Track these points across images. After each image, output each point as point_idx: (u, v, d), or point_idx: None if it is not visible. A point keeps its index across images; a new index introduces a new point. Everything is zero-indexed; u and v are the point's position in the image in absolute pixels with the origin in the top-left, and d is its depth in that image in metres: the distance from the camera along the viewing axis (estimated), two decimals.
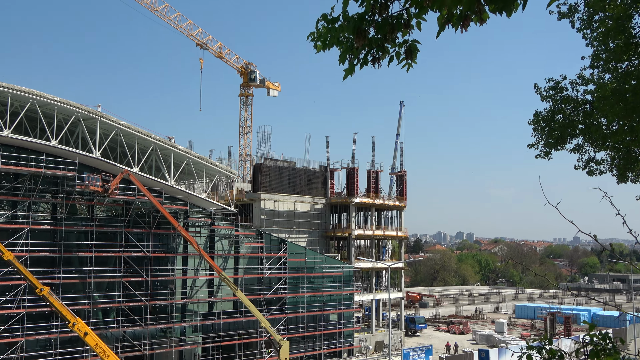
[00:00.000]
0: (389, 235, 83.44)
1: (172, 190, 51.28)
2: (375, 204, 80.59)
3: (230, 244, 56.00)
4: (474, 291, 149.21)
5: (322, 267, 62.57)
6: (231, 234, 55.65)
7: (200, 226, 54.50)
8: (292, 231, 74.35)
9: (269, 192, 72.88)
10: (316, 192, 78.48)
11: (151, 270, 49.55)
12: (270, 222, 72.26)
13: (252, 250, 57.46)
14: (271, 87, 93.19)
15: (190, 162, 52.96)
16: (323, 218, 78.67)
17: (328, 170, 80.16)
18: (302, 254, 61.07)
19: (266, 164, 73.27)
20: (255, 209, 72.50)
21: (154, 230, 50.01)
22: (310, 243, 75.64)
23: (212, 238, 54.99)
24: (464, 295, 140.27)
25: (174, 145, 51.36)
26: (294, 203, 75.13)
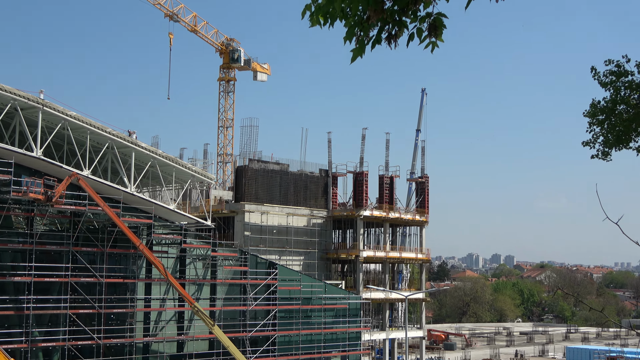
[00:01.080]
0: (406, 258, 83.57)
1: (132, 199, 51.27)
2: (390, 219, 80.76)
3: (206, 268, 55.95)
4: (513, 329, 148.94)
5: (322, 297, 62.46)
6: (207, 254, 55.62)
7: (168, 245, 54.47)
8: (284, 252, 74.40)
9: (255, 202, 72.97)
10: (315, 203, 78.62)
11: (105, 301, 49.46)
12: (257, 240, 72.32)
13: (234, 276, 57.41)
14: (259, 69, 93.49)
15: (155, 163, 52.99)
16: (323, 235, 78.78)
17: (330, 175, 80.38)
18: (296, 281, 60.98)
19: (252, 166, 73.40)
20: (237, 224, 72.60)
21: (110, 249, 49.99)
22: (307, 267, 75.63)
23: (182, 260, 54.95)
24: (501, 335, 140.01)
25: (135, 143, 51.43)
26: (287, 216, 75.25)
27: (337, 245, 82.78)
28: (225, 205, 73.65)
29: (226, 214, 72.93)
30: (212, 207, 67.84)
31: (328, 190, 79.99)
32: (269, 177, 74.53)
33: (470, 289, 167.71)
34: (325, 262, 78.84)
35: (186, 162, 61.44)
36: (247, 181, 72.65)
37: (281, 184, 75.67)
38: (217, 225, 72.03)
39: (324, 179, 79.91)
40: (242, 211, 71.78)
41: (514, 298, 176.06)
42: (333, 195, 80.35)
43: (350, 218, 78.88)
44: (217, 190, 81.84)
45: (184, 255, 54.75)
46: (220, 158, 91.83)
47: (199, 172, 56.78)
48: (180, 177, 56.93)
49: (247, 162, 73.42)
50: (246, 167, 72.89)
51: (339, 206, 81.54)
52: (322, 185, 79.70)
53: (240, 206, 72.02)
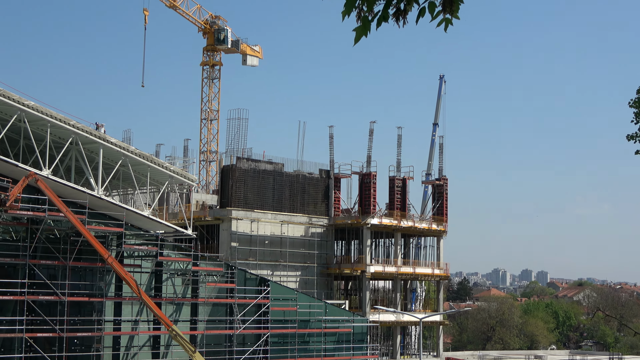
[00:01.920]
0: (421, 274, 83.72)
1: (100, 204, 51.31)
2: (402, 228, 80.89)
3: (186, 285, 55.99)
4: (547, 358, 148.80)
5: (322, 320, 62.45)
6: (187, 269, 55.65)
7: (142, 257, 54.50)
8: (278, 266, 74.49)
9: (244, 208, 73.03)
10: (314, 209, 78.74)
11: (68, 323, 49.45)
12: (246, 252, 72.40)
13: (218, 294, 57.41)
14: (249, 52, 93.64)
15: (127, 162, 53.04)
16: (324, 247, 78.90)
17: (332, 177, 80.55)
18: (292, 301, 60.99)
19: (240, 166, 73.51)
20: (223, 233, 72.72)
21: (73, 262, 49.99)
22: (304, 284, 75.73)
23: (159, 275, 54.98)
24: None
25: (104, 138, 51.50)
26: (281, 224, 75.32)
27: (340, 259, 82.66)
28: (208, 211, 73.78)
29: (210, 221, 73.02)
30: (194, 214, 67.89)
31: (329, 194, 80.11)
32: (260, 179, 74.64)
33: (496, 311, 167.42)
34: (326, 278, 78.91)
35: (163, 160, 61.49)
36: (235, 183, 72.71)
37: (274, 186, 75.78)
38: (200, 234, 72.04)
39: (325, 181, 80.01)
40: (228, 218, 71.82)
41: (548, 321, 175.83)
42: (335, 200, 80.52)
43: (355, 227, 78.93)
44: (200, 193, 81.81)
45: (160, 269, 54.75)
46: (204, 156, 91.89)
47: (178, 173, 56.79)
48: (157, 178, 56.96)
49: (234, 161, 73.52)
50: (233, 166, 72.96)
51: (343, 213, 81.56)
52: (323, 188, 79.79)
53: (227, 212, 72.05)
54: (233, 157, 74.27)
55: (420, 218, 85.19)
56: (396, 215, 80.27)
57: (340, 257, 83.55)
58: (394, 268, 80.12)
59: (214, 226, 73.73)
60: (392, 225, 79.52)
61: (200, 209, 74.82)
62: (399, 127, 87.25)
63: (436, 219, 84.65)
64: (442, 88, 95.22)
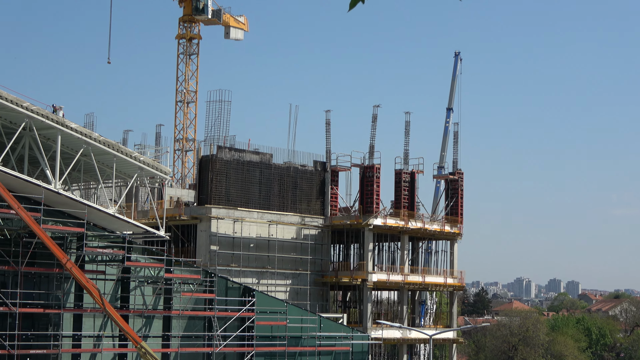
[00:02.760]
0: (431, 284, 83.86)
1: (58, 200, 51.37)
2: (410, 229, 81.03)
3: (158, 295, 56.11)
4: None
5: (316, 336, 62.63)
6: (159, 276, 55.77)
7: (107, 262, 54.59)
8: (265, 273, 74.60)
9: (226, 206, 73.15)
10: (307, 207, 78.93)
11: (19, 338, 49.52)
12: (228, 257, 72.44)
13: (195, 306, 57.57)
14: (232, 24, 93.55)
15: (90, 151, 53.09)
16: (319, 251, 78.99)
17: (328, 170, 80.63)
18: (281, 314, 61.17)
19: (222, 156, 73.59)
20: (201, 235, 72.77)
21: (26, 268, 50.08)
22: (295, 294, 75.88)
23: (125, 283, 55.10)
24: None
25: (62, 122, 51.51)
26: (269, 225, 75.39)
27: (338, 266, 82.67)
28: (184, 209, 73.78)
29: (186, 221, 73.00)
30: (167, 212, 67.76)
31: (325, 190, 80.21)
32: (244, 172, 74.63)
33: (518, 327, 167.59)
34: (321, 288, 79.00)
35: (132, 149, 61.44)
36: (215, 176, 72.74)
37: (261, 180, 75.81)
38: (174, 236, 71.96)
39: (320, 175, 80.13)
40: (207, 217, 71.87)
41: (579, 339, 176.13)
42: (332, 197, 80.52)
43: (355, 228, 78.96)
44: (174, 188, 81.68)
45: (127, 277, 54.87)
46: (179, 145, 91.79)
47: (149, 164, 56.84)
48: (124, 171, 57.05)
49: (215, 151, 73.51)
50: (214, 157, 72.98)
51: (341, 212, 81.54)
52: (318, 183, 79.91)
53: (206, 211, 72.12)
54: (213, 146, 74.24)
55: (431, 218, 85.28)
56: (403, 215, 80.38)
57: (337, 263, 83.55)
58: (400, 276, 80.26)
59: (190, 226, 73.70)
60: (398, 226, 79.65)
61: (175, 207, 74.69)
62: (406, 112, 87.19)
63: (450, 220, 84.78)
64: (457, 67, 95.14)
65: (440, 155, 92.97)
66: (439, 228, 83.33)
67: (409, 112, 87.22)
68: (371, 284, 77.41)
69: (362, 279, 77.22)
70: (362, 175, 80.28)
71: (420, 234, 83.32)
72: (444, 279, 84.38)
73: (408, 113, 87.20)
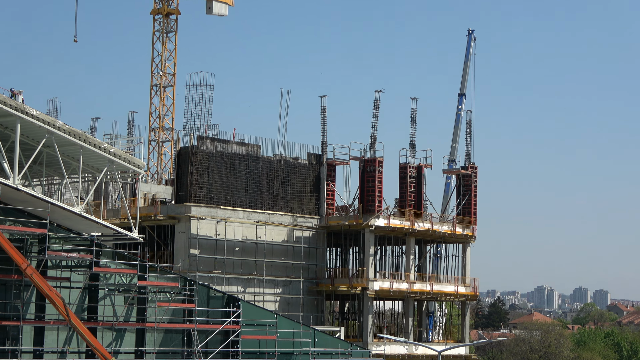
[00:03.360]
0: (440, 293, 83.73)
1: (17, 197, 51.03)
2: (416, 231, 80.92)
3: (130, 305, 55.79)
4: None
5: (310, 352, 62.39)
6: (132, 284, 55.43)
7: (72, 268, 54.22)
8: (252, 281, 74.49)
9: (208, 204, 72.99)
10: (300, 206, 78.84)
11: None
12: (209, 262, 72.32)
13: (173, 318, 57.24)
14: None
15: (53, 141, 52.72)
16: (313, 256, 78.87)
17: (324, 163, 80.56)
18: (270, 327, 60.86)
19: (203, 147, 73.39)
20: (179, 237, 72.60)
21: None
22: (286, 304, 75.81)
23: (93, 292, 54.75)
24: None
25: (22, 109, 51.10)
26: (256, 226, 75.28)
27: (334, 272, 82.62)
28: (161, 207, 73.63)
29: (163, 221, 72.86)
30: (141, 211, 67.64)
31: (321, 187, 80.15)
32: (229, 165, 74.48)
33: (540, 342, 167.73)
34: (316, 297, 78.94)
35: (101, 140, 61.06)
36: (196, 171, 72.55)
37: (248, 175, 75.64)
38: (149, 238, 71.79)
39: (315, 169, 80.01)
40: (187, 217, 71.69)
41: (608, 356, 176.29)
42: (328, 195, 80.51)
43: (354, 230, 78.88)
44: (149, 184, 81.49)
45: (95, 284, 54.48)
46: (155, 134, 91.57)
47: (120, 156, 56.40)
48: (92, 164, 56.64)
49: (195, 142, 73.32)
50: (194, 148, 72.76)
51: (338, 211, 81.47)
52: (312, 178, 79.79)
53: (185, 209, 71.89)
54: (193, 136, 74.07)
55: (440, 219, 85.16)
56: (409, 215, 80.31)
57: (334, 269, 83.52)
58: (405, 285, 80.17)
59: (167, 227, 73.54)
60: (403, 227, 79.57)
61: (150, 205, 74.58)
62: (413, 98, 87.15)
63: (461, 220, 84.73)
64: (470, 47, 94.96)
65: (451, 147, 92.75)
66: (449, 230, 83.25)
67: (415, 98, 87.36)
68: (372, 293, 77.31)
69: (362, 288, 77.12)
70: (362, 170, 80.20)
71: (428, 237, 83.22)
72: (454, 287, 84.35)
73: (414, 99, 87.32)
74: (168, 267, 60.95)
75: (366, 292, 76.90)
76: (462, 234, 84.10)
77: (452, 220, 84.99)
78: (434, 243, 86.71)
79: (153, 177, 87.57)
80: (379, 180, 78.92)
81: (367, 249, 77.88)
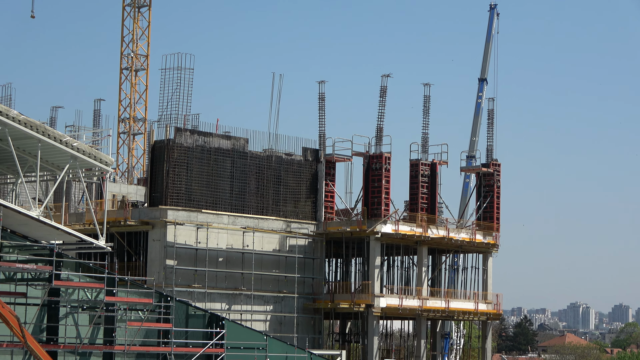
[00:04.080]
0: (458, 311, 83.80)
1: None
2: (429, 239, 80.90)
3: (96, 325, 55.60)
4: None
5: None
6: (98, 300, 55.24)
7: (29, 282, 53.97)
8: (239, 297, 74.50)
9: (187, 207, 72.99)
10: (294, 209, 78.95)
11: None
12: (188, 274, 72.32)
13: (146, 340, 57.14)
14: None
15: (6, 134, 52.60)
16: (309, 268, 78.86)
17: (322, 160, 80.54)
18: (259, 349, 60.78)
19: (181, 141, 73.31)
20: (153, 246, 72.60)
21: None
22: (278, 324, 75.94)
23: (53, 309, 54.54)
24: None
25: None
26: (243, 233, 75.14)
27: (334, 287, 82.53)
28: (132, 211, 73.53)
29: (134, 226, 72.85)
30: (109, 215, 67.36)
31: (319, 187, 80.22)
32: (211, 162, 74.53)
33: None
34: (312, 316, 78.93)
35: (62, 132, 60.89)
36: (173, 168, 72.49)
37: (234, 174, 75.63)
38: (118, 247, 71.74)
39: (312, 167, 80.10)
40: (162, 222, 71.67)
41: None
42: (327, 196, 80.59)
43: (357, 237, 78.83)
44: (118, 184, 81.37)
45: (56, 301, 54.34)
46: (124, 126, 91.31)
47: (84, 152, 56.22)
48: (52, 160, 56.62)
49: (172, 134, 73.27)
50: (171, 142, 72.73)
51: (339, 216, 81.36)
52: (309, 177, 79.85)
53: (160, 213, 71.91)
54: (170, 127, 74.02)
55: (457, 224, 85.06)
56: (421, 220, 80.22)
57: (334, 283, 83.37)
58: (416, 301, 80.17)
59: (140, 234, 73.55)
60: (414, 235, 79.52)
61: (120, 208, 74.40)
62: (425, 84, 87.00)
63: (482, 227, 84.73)
64: (493, 24, 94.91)
65: (471, 141, 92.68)
66: (468, 237, 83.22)
67: (428, 84, 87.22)
68: (378, 311, 77.35)
69: (367, 305, 77.09)
70: (366, 168, 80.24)
71: (444, 245, 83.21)
72: (474, 304, 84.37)
73: (427, 85, 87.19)
74: (140, 280, 61.25)
75: (371, 309, 76.85)
76: (482, 242, 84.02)
77: (471, 226, 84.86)
78: (450, 253, 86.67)
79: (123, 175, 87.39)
80: (386, 179, 78.92)
81: (372, 260, 77.81)
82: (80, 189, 75.43)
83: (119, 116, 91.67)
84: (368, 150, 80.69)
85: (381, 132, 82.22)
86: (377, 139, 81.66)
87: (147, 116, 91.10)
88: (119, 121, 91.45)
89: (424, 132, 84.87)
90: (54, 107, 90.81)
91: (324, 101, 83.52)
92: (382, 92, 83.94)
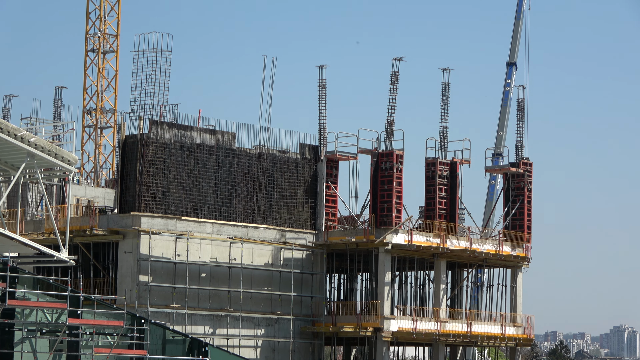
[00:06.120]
0: (481, 335, 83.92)
1: None
2: (448, 252, 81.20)
3: (57, 352, 55.43)
4: None
5: None
6: (59, 322, 54.93)
7: None
8: (225, 319, 74.73)
9: (164, 214, 73.38)
10: (290, 216, 79.31)
11: None
12: (166, 293, 72.72)
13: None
14: None
15: None
16: (307, 285, 79.24)
17: (323, 158, 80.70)
18: None
19: (157, 136, 73.61)
20: (124, 259, 72.92)
21: None
22: (271, 351, 76.38)
23: (8, 333, 54.36)
24: None
25: None
26: (230, 244, 75.51)
27: (337, 307, 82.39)
28: (99, 218, 73.60)
29: (102, 236, 73.02)
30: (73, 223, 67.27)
31: (318, 190, 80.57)
32: (193, 161, 74.84)
33: None
34: (311, 341, 79.14)
35: (17, 126, 60.64)
36: (147, 168, 72.62)
37: (219, 175, 75.85)
38: (83, 260, 71.62)
39: (311, 166, 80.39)
40: (135, 232, 71.93)
41: None
42: (328, 201, 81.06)
43: (364, 249, 79.02)
44: (84, 186, 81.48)
45: (10, 323, 54.17)
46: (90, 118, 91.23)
47: (43, 148, 56.26)
48: (5, 159, 57.01)
49: (146, 128, 73.38)
50: (145, 137, 72.94)
51: (342, 224, 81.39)
52: (307, 178, 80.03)
53: (132, 221, 72.13)
54: (144, 120, 74.10)
55: (481, 234, 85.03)
56: (438, 229, 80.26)
57: (336, 303, 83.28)
58: (433, 324, 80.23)
59: (108, 245, 73.68)
60: (430, 246, 79.56)
61: (85, 215, 74.27)
62: (444, 69, 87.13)
63: (511, 237, 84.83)
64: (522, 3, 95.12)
65: (497, 136, 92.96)
66: (493, 249, 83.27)
67: (447, 69, 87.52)
68: (389, 335, 77.47)
69: (375, 328, 77.18)
70: (375, 167, 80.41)
71: (465, 259, 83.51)
72: (501, 327, 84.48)
73: (446, 70, 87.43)
74: (109, 300, 60.96)
75: (380, 334, 77.02)
76: (511, 255, 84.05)
77: (497, 236, 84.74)
78: (472, 267, 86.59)
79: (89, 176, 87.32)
80: (398, 181, 78.97)
81: (381, 276, 77.95)
82: (38, 192, 75.36)
83: (83, 107, 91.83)
84: (377, 147, 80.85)
85: (392, 125, 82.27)
86: (387, 134, 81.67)
87: (116, 107, 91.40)
88: (84, 112, 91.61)
89: (443, 126, 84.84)
90: (8, 95, 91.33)
91: (324, 89, 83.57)
92: (394, 79, 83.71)
